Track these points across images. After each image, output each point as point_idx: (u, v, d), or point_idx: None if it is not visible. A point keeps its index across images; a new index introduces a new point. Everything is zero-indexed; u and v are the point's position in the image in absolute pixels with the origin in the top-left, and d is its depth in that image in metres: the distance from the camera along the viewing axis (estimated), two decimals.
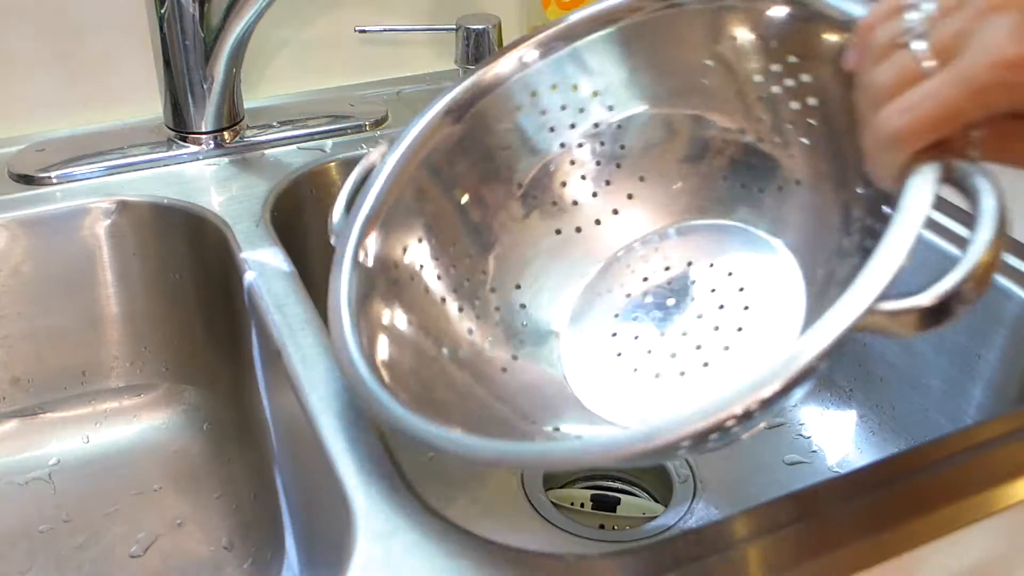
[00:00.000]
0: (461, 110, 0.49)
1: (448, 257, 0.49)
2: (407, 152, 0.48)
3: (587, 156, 0.50)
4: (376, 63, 0.81)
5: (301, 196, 0.67)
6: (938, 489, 0.41)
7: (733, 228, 0.48)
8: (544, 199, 0.51)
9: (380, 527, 0.40)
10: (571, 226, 0.51)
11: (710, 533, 0.39)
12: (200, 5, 0.63)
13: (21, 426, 0.65)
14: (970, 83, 0.31)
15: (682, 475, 0.63)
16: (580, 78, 0.50)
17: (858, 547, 0.38)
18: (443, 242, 0.48)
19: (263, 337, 0.53)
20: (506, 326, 0.49)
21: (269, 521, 0.59)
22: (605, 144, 0.51)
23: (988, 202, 0.32)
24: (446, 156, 0.49)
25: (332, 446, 0.44)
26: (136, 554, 0.59)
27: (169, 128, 0.68)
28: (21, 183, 0.64)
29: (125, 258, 0.64)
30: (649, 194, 0.50)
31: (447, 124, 0.49)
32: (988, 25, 0.30)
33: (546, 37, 0.50)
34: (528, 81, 0.50)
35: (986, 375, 0.58)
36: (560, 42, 0.49)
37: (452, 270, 0.48)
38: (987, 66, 0.30)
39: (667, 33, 0.48)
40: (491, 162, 0.50)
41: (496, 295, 0.50)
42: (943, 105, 0.31)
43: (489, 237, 0.50)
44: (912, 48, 0.32)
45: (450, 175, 0.49)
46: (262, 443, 0.59)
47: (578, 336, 0.50)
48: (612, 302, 0.50)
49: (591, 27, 0.49)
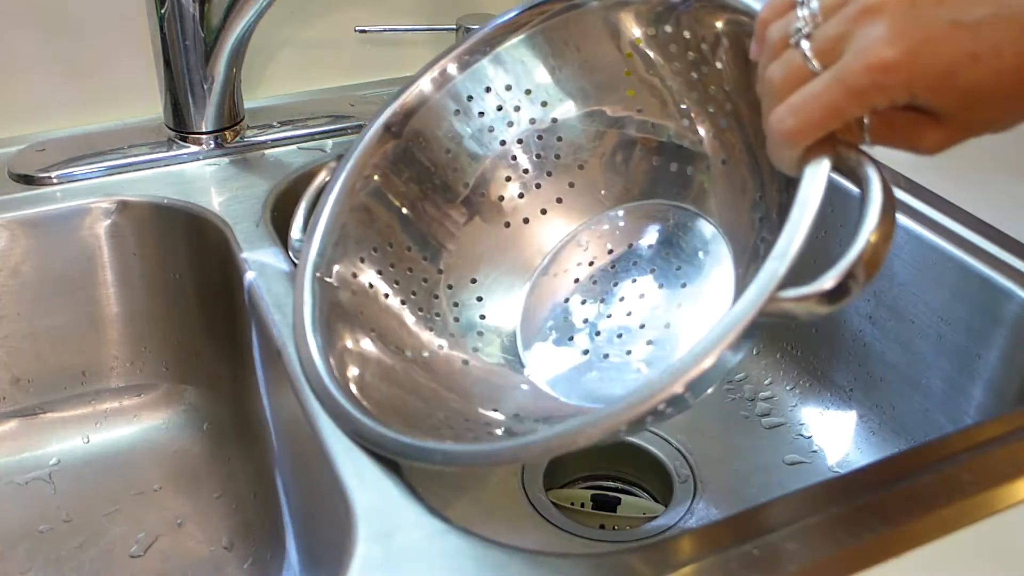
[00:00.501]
0: (399, 124, 0.52)
1: (402, 264, 0.51)
2: (352, 170, 0.51)
3: (528, 151, 0.53)
4: (376, 63, 0.81)
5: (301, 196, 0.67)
6: (938, 489, 0.41)
7: (669, 208, 0.51)
8: (489, 196, 0.53)
9: (380, 527, 0.40)
10: (518, 219, 0.53)
11: (710, 533, 0.39)
12: (200, 5, 0.63)
13: (21, 426, 0.65)
14: (849, 85, 0.33)
15: (682, 475, 0.63)
16: (509, 79, 0.53)
17: (858, 547, 0.38)
18: (396, 251, 0.51)
19: (263, 337, 0.53)
20: (463, 323, 0.52)
21: (269, 521, 0.59)
22: (543, 138, 0.53)
23: (875, 190, 0.34)
24: (390, 169, 0.52)
25: (332, 446, 0.44)
26: (136, 554, 0.59)
27: (169, 128, 0.68)
28: (21, 183, 0.64)
29: (125, 258, 0.64)
30: (589, 182, 0.53)
31: (388, 139, 0.52)
32: (865, 28, 0.33)
33: (464, 50, 0.52)
34: (458, 89, 0.53)
35: (986, 375, 0.58)
36: (479, 53, 0.52)
37: (407, 275, 0.51)
38: (863, 69, 0.33)
39: (576, 32, 0.50)
40: (434, 169, 0.53)
41: (451, 293, 0.52)
42: (825, 106, 0.34)
43: (439, 240, 0.53)
44: (801, 47, 0.35)
45: (395, 188, 0.52)
46: (262, 443, 0.59)
47: (532, 325, 0.52)
48: (561, 288, 0.53)
49: (505, 34, 0.52)
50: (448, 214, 0.53)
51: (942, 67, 0.33)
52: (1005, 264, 0.57)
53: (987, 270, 0.57)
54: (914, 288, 0.61)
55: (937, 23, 0.33)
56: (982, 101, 0.34)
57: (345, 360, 0.46)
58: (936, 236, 0.60)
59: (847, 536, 0.39)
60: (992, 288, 0.56)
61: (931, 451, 0.44)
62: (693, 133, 0.49)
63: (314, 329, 0.46)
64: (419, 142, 0.53)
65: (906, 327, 0.62)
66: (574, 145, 0.53)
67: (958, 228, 0.60)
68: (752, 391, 0.70)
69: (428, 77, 0.53)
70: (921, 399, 0.62)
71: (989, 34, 0.33)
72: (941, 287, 0.60)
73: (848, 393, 0.68)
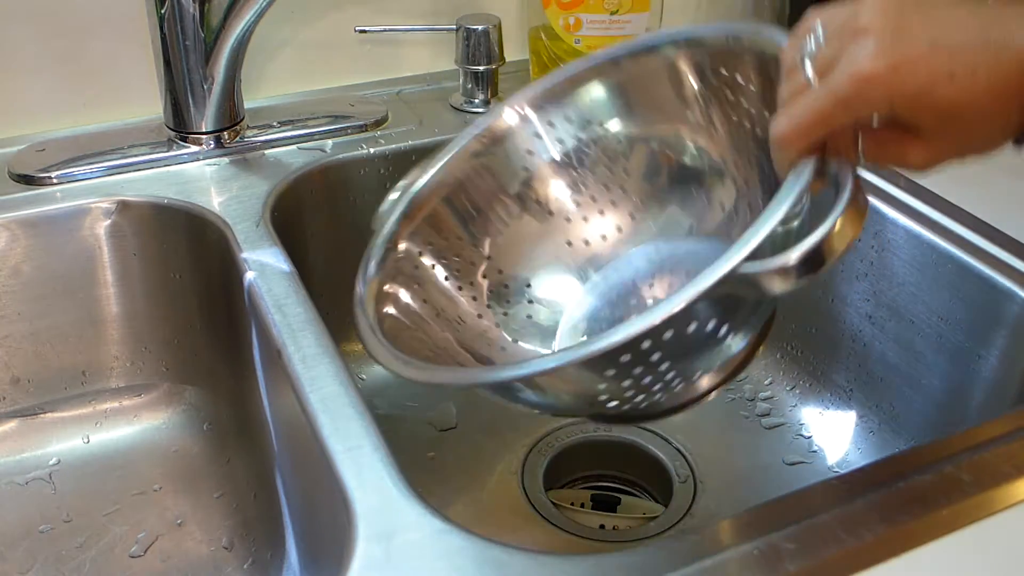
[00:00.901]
0: (485, 147, 0.56)
1: (458, 256, 0.56)
2: (442, 170, 0.56)
3: (573, 164, 0.57)
4: (376, 63, 0.81)
5: (301, 196, 0.67)
6: (938, 489, 0.41)
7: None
8: (547, 202, 0.58)
9: (380, 527, 0.40)
10: (561, 217, 0.58)
11: (710, 533, 0.39)
12: (200, 5, 0.63)
13: (21, 426, 0.65)
14: (836, 95, 0.37)
15: (682, 475, 0.63)
16: (581, 114, 0.57)
17: (858, 547, 0.38)
18: (452, 245, 0.55)
19: (263, 337, 0.53)
20: (510, 311, 0.56)
21: (269, 521, 0.59)
22: (600, 157, 0.57)
23: (848, 187, 0.38)
24: (466, 182, 0.56)
25: (332, 446, 0.44)
26: (136, 554, 0.59)
27: (169, 128, 0.68)
28: (21, 183, 0.64)
29: (125, 258, 0.64)
30: (631, 191, 0.57)
31: (469, 158, 0.56)
32: (854, 46, 0.37)
33: (546, 91, 0.56)
34: (528, 126, 0.57)
35: (986, 375, 0.58)
36: (557, 96, 0.56)
37: (465, 265, 0.56)
38: (848, 80, 0.36)
39: (643, 81, 0.55)
40: (493, 179, 0.57)
41: (501, 279, 0.57)
42: (814, 113, 0.38)
43: (491, 238, 0.57)
44: (804, 67, 0.39)
45: (465, 196, 0.57)
46: (262, 443, 0.59)
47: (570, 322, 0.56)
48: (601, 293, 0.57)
49: (578, 82, 0.56)
50: (502, 212, 0.57)
51: (920, 83, 0.36)
52: (1005, 264, 0.57)
53: (987, 270, 0.57)
54: (914, 288, 0.61)
55: (919, 43, 0.36)
56: (958, 118, 0.37)
57: (385, 301, 0.50)
58: (936, 236, 0.60)
59: (847, 536, 0.39)
60: (992, 288, 0.56)
61: (931, 451, 0.44)
62: (736, 168, 0.53)
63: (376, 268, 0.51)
64: (493, 160, 0.57)
65: (906, 327, 0.62)
66: (620, 166, 0.57)
67: (958, 228, 0.60)
68: (752, 391, 0.70)
69: (510, 109, 0.56)
70: (921, 399, 0.62)
71: (966, 57, 0.36)
72: (941, 287, 0.60)
73: (848, 393, 0.68)
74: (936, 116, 0.37)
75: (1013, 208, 0.62)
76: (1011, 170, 0.68)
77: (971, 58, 0.36)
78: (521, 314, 0.56)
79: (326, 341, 0.50)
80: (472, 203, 0.57)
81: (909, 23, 0.36)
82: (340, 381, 0.48)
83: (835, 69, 0.37)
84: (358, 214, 0.71)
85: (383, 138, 0.71)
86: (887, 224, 0.63)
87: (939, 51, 0.36)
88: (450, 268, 0.55)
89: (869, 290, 0.65)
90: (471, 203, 0.56)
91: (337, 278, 0.72)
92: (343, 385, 0.47)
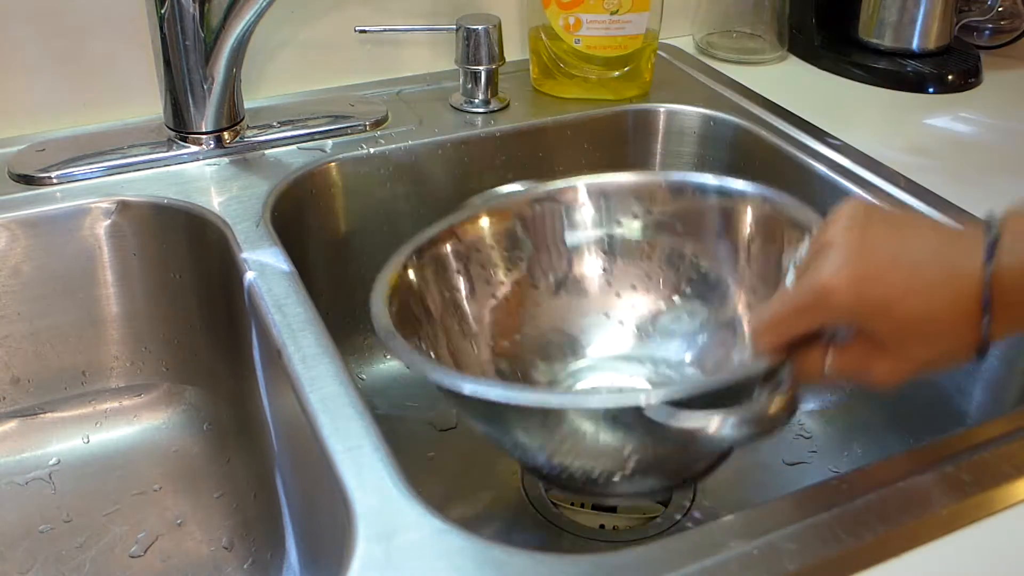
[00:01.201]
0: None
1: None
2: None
3: (603, 251, 0.62)
4: (376, 63, 0.81)
5: (301, 196, 0.67)
6: (938, 489, 0.41)
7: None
8: (569, 276, 0.62)
9: (380, 527, 0.40)
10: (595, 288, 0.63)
11: (710, 533, 0.39)
12: (200, 5, 0.63)
13: (21, 426, 0.65)
14: (796, 302, 0.40)
15: None
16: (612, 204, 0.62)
17: (858, 547, 0.38)
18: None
19: (263, 337, 0.53)
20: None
21: (269, 521, 0.59)
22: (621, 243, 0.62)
23: (785, 385, 0.41)
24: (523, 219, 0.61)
25: (332, 446, 0.44)
26: (136, 554, 0.59)
27: (169, 128, 0.68)
28: (21, 183, 0.64)
29: (125, 258, 0.64)
30: (648, 276, 0.62)
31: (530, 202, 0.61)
32: (822, 259, 0.39)
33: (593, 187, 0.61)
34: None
35: (986, 375, 0.58)
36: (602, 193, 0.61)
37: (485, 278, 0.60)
38: (809, 290, 0.39)
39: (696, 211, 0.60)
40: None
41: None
42: (777, 315, 0.41)
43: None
44: (789, 271, 0.46)
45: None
46: (262, 443, 0.59)
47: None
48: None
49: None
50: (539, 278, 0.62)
51: (880, 296, 0.38)
52: None
53: None
54: None
55: (880, 258, 0.38)
56: (917, 332, 0.38)
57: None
58: None
59: (847, 536, 0.39)
60: None
61: (931, 451, 0.44)
62: (731, 283, 0.59)
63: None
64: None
65: None
66: (644, 255, 0.62)
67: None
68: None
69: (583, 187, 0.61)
70: (921, 399, 0.62)
71: (925, 275, 0.37)
72: None
73: (848, 393, 0.68)
74: (896, 329, 0.38)
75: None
76: (1011, 170, 0.68)
77: (930, 276, 0.37)
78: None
79: (326, 341, 0.50)
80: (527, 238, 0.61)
81: (873, 238, 0.39)
82: (340, 381, 0.48)
83: (802, 277, 0.41)
84: (358, 214, 0.71)
85: (383, 138, 0.71)
86: None
87: (899, 267, 0.38)
88: (471, 282, 0.59)
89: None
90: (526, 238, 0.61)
91: (337, 278, 0.72)
92: (343, 385, 0.47)
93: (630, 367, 0.59)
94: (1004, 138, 0.73)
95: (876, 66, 0.83)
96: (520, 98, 0.78)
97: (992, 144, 0.72)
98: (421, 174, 0.72)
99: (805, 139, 0.71)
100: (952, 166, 0.68)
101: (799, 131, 0.72)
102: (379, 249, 0.73)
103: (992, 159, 0.69)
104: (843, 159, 0.68)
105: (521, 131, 0.74)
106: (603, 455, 0.47)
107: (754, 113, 0.75)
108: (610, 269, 0.61)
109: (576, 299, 0.61)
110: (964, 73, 0.82)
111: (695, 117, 0.77)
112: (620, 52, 0.76)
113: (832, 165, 0.68)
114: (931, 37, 0.84)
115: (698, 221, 0.59)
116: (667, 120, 0.78)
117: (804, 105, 0.76)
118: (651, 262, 0.61)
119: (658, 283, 0.61)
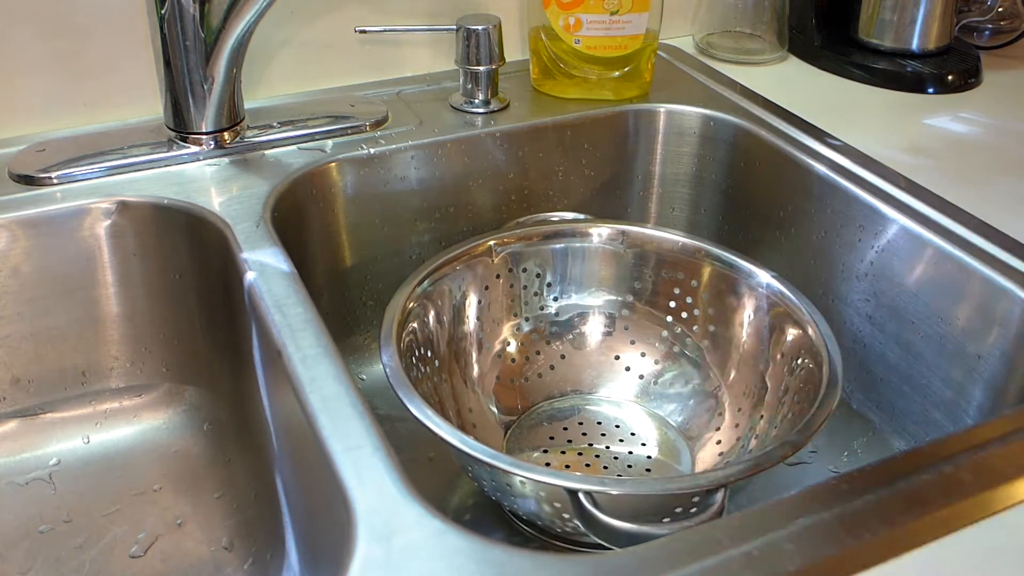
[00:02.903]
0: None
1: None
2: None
3: (607, 314, 0.69)
4: (376, 63, 0.81)
5: (301, 196, 0.67)
6: (938, 489, 0.41)
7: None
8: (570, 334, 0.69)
9: (380, 527, 0.40)
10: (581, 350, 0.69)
11: (710, 533, 0.39)
12: (200, 5, 0.63)
13: (21, 426, 0.65)
14: None
15: None
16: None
17: (858, 547, 0.38)
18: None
19: (263, 337, 0.53)
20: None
21: (269, 521, 0.59)
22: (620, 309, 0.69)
23: (716, 509, 0.46)
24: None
25: (332, 446, 0.44)
26: (136, 554, 0.59)
27: (169, 128, 0.68)
28: (21, 183, 0.64)
29: (125, 258, 0.64)
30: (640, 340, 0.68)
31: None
32: None
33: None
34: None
35: (986, 375, 0.58)
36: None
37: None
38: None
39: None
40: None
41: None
42: None
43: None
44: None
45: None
46: (262, 443, 0.59)
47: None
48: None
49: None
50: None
51: None
52: (1005, 264, 0.57)
53: (987, 270, 0.57)
54: (914, 288, 0.61)
55: None
56: None
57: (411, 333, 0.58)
58: (936, 236, 0.60)
59: (847, 536, 0.39)
60: (992, 288, 0.56)
61: (931, 451, 0.44)
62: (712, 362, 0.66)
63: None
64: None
65: (906, 327, 0.62)
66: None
67: (958, 228, 0.60)
68: None
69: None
70: (921, 399, 0.62)
71: None
72: (941, 287, 0.60)
73: (848, 393, 0.68)
74: None
75: (1013, 208, 0.63)
76: (1011, 170, 0.68)
77: None
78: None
79: (326, 341, 0.50)
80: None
81: None
82: (340, 381, 0.48)
83: None
84: (358, 214, 0.71)
85: (383, 138, 0.71)
86: (887, 224, 0.63)
87: None
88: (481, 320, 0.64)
89: (869, 290, 0.65)
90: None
91: (337, 278, 0.72)
92: (343, 385, 0.47)
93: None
94: (1004, 138, 0.73)
95: (876, 66, 0.83)
96: (520, 98, 0.78)
97: (992, 144, 0.72)
98: (421, 174, 0.72)
99: (805, 139, 0.71)
100: (952, 166, 0.68)
101: (799, 131, 0.72)
102: (379, 249, 0.73)
103: (992, 159, 0.70)
104: (843, 159, 0.68)
105: (521, 131, 0.74)
106: (548, 516, 0.50)
107: (754, 113, 0.75)
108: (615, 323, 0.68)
109: (580, 352, 0.67)
110: (964, 73, 0.82)
111: (695, 117, 0.77)
112: (620, 52, 0.76)
113: (832, 165, 0.68)
114: (931, 37, 0.84)
115: (719, 296, 0.64)
116: (667, 120, 0.78)
117: (804, 105, 0.76)
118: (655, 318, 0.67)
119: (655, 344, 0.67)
